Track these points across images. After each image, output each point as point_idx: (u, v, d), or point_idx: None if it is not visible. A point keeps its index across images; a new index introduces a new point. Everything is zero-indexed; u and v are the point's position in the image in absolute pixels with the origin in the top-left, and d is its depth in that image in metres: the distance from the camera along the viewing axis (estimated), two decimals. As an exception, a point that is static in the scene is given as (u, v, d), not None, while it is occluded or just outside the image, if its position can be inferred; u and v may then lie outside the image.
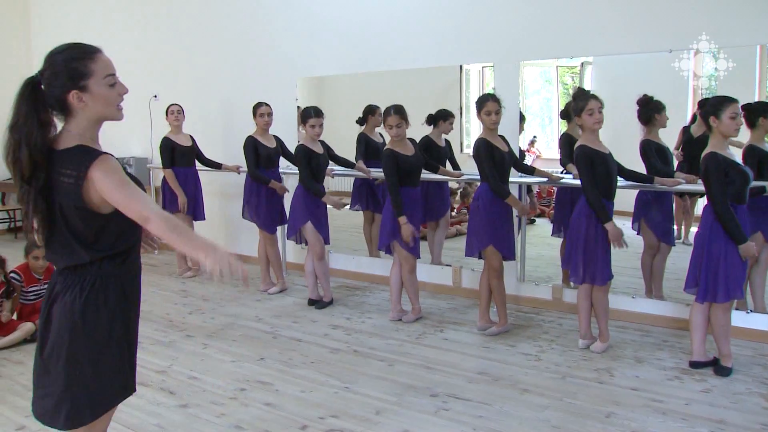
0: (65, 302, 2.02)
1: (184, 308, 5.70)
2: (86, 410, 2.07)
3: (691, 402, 3.65)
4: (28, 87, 1.95)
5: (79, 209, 1.95)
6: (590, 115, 4.24)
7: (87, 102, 1.98)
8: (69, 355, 2.02)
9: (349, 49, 6.42)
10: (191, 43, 7.79)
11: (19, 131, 1.92)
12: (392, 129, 4.88)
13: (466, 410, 3.60)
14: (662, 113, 4.88)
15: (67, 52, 1.99)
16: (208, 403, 3.75)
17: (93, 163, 1.92)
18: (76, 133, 2.00)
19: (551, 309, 5.42)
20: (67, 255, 2.03)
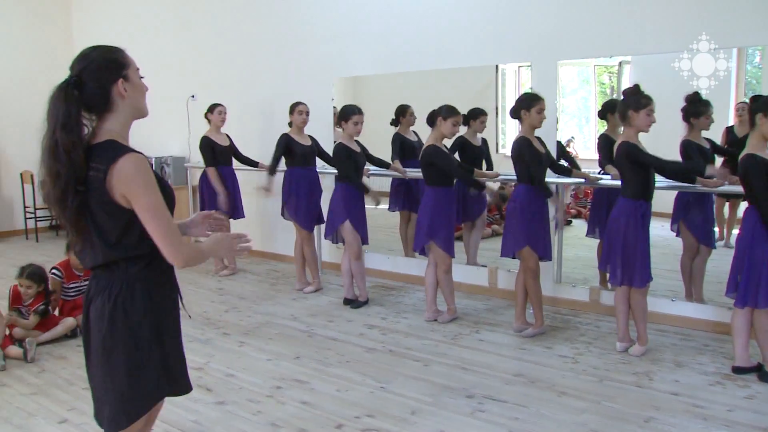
0: (97, 307, 2.05)
1: (220, 306, 5.76)
2: (122, 415, 2.10)
3: (734, 408, 3.58)
4: (69, 89, 1.96)
5: (104, 203, 1.96)
6: (648, 115, 4.18)
7: (128, 92, 2.03)
8: (103, 360, 2.06)
9: (384, 49, 6.42)
10: (228, 45, 7.87)
11: (72, 132, 1.93)
12: (455, 127, 4.95)
13: (502, 412, 3.57)
14: (708, 114, 4.76)
15: (100, 49, 2.03)
16: (245, 400, 3.78)
17: (122, 156, 1.94)
18: (110, 129, 2.02)
19: (588, 311, 5.36)
20: (92, 255, 2.05)
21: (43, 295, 4.87)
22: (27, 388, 4.03)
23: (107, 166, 1.92)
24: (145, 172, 1.95)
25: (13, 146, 9.44)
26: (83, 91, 1.97)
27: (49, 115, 1.96)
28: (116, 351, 2.04)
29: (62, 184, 1.93)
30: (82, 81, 1.97)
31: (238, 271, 7.05)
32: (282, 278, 6.77)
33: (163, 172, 8.32)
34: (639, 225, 4.20)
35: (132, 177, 1.92)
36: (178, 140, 8.22)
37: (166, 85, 8.61)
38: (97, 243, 2.01)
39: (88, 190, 1.95)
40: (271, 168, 6.05)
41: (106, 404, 2.10)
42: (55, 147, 1.92)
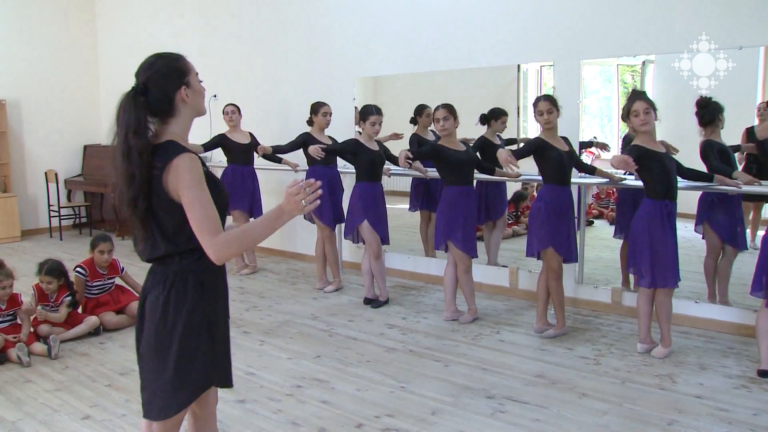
0: (152, 299, 2.15)
1: (241, 305, 5.78)
2: (171, 403, 2.16)
3: (759, 412, 3.52)
4: (137, 96, 2.09)
5: (162, 200, 2.07)
6: (635, 116, 4.19)
7: (190, 97, 2.17)
8: (156, 350, 2.14)
9: (405, 49, 6.42)
10: (251, 45, 7.91)
11: (143, 135, 2.06)
12: (439, 122, 4.94)
13: (523, 413, 3.55)
14: (723, 113, 4.73)
15: (165, 58, 2.19)
16: (265, 398, 3.79)
17: (177, 156, 2.05)
18: (172, 131, 2.15)
19: (610, 312, 5.31)
20: (150, 248, 2.15)
21: (65, 287, 4.93)
22: (51, 384, 4.08)
23: (164, 165, 2.04)
24: (194, 170, 2.05)
25: (38, 146, 9.57)
26: (148, 98, 2.10)
27: (119, 121, 2.09)
28: (168, 341, 2.12)
29: (136, 185, 2.05)
30: (148, 89, 2.11)
31: (258, 270, 7.08)
32: (302, 277, 6.79)
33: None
34: (665, 225, 4.16)
35: (182, 174, 2.03)
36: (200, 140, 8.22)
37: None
38: (157, 237, 2.12)
39: (152, 188, 2.06)
40: (279, 149, 6.27)
41: (155, 393, 2.17)
42: (129, 151, 2.04)
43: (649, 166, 4.19)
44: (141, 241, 2.16)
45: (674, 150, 4.74)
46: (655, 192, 4.21)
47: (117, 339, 4.92)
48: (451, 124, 4.94)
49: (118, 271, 5.29)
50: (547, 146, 4.58)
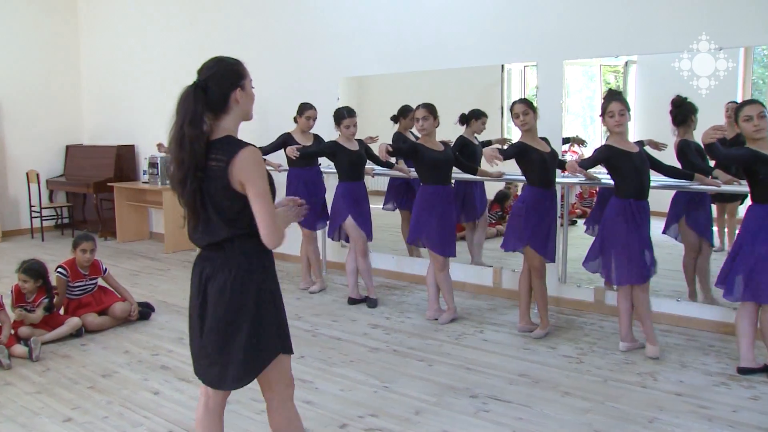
0: (218, 283, 2.33)
1: (225, 305, 5.75)
2: (249, 371, 2.37)
3: (739, 409, 3.56)
4: (196, 90, 2.30)
5: (225, 189, 2.26)
6: (611, 117, 4.25)
7: (242, 99, 2.39)
8: (227, 327, 2.33)
9: (390, 49, 6.42)
10: (234, 44, 7.87)
11: (197, 126, 2.26)
12: (419, 122, 4.96)
13: (506, 412, 3.57)
14: (696, 114, 4.82)
15: (226, 61, 2.45)
16: (249, 399, 3.76)
17: (242, 149, 2.26)
18: (226, 127, 2.36)
19: (593, 311, 5.35)
20: (209, 234, 2.34)
21: (44, 289, 4.88)
22: (31, 386, 4.04)
23: (229, 158, 2.24)
24: (260, 163, 2.28)
25: (19, 146, 9.49)
26: (207, 94, 2.31)
27: (178, 111, 2.30)
28: (239, 318, 2.31)
29: (184, 169, 2.26)
30: (208, 86, 2.33)
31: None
32: (286, 278, 6.77)
33: (168, 172, 8.31)
34: (632, 223, 4.23)
35: (249, 166, 2.24)
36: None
37: (170, 84, 8.63)
38: (218, 223, 2.30)
39: (207, 178, 2.26)
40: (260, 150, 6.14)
41: (228, 366, 2.36)
42: (182, 138, 2.25)
43: (618, 166, 4.26)
44: (195, 227, 2.36)
45: (662, 146, 4.80)
46: (623, 191, 4.27)
47: (99, 340, 4.88)
48: (431, 123, 4.96)
49: (100, 272, 5.25)
50: (529, 149, 4.61)
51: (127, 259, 7.85)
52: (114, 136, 9.55)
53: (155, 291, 6.28)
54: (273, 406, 2.54)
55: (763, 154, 3.81)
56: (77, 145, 9.97)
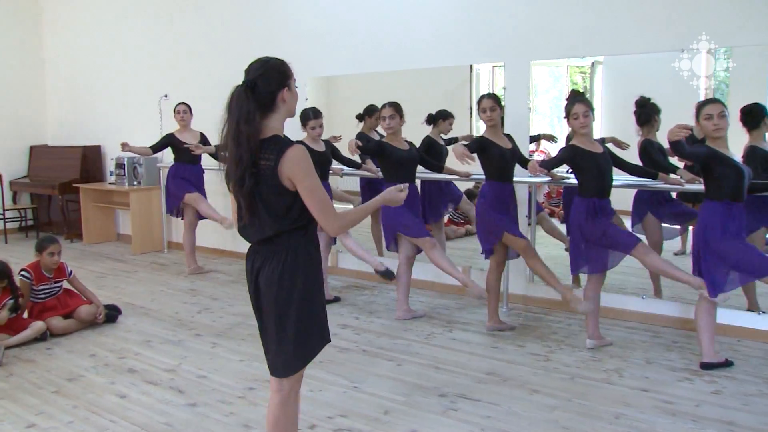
0: (267, 274, 2.45)
1: (192, 307, 5.71)
2: (298, 361, 2.50)
3: (701, 403, 3.63)
4: (248, 90, 2.40)
5: (275, 186, 2.37)
6: (575, 119, 4.31)
7: (287, 99, 2.48)
8: (277, 317, 2.46)
9: (359, 49, 6.42)
10: (201, 44, 7.82)
11: (251, 124, 2.36)
12: (385, 120, 4.98)
13: (474, 410, 3.59)
14: (660, 115, 4.91)
15: (274, 61, 2.54)
16: (217, 401, 3.76)
17: (289, 148, 2.37)
18: (272, 126, 2.45)
19: (560, 309, 5.40)
20: (260, 229, 2.44)
21: (8, 290, 4.79)
22: (-6, 392, 3.97)
23: (278, 157, 2.34)
24: (307, 160, 2.38)
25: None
26: (255, 93, 2.41)
27: (231, 111, 2.40)
28: (288, 308, 2.44)
29: (243, 166, 2.35)
30: (256, 85, 2.42)
31: (208, 271, 7.02)
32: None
33: (136, 172, 8.25)
34: (596, 221, 4.31)
35: (297, 163, 2.35)
36: (151, 140, 8.12)
37: (138, 84, 8.55)
38: (267, 219, 2.41)
39: (260, 176, 2.37)
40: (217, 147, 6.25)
41: (280, 354, 2.49)
42: (239, 136, 2.35)
43: (582, 166, 4.34)
44: (249, 224, 2.46)
45: (625, 145, 4.87)
46: (587, 190, 4.35)
47: (64, 344, 4.81)
48: (397, 122, 4.98)
49: (65, 275, 5.17)
50: (490, 144, 4.66)
51: (94, 261, 7.74)
52: (79, 136, 9.41)
53: (122, 293, 6.21)
54: (279, 397, 2.60)
55: (720, 152, 3.89)
56: (42, 146, 9.80)
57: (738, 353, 4.36)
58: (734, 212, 3.89)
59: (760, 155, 4.46)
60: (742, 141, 4.56)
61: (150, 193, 8.26)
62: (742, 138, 4.56)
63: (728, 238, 3.88)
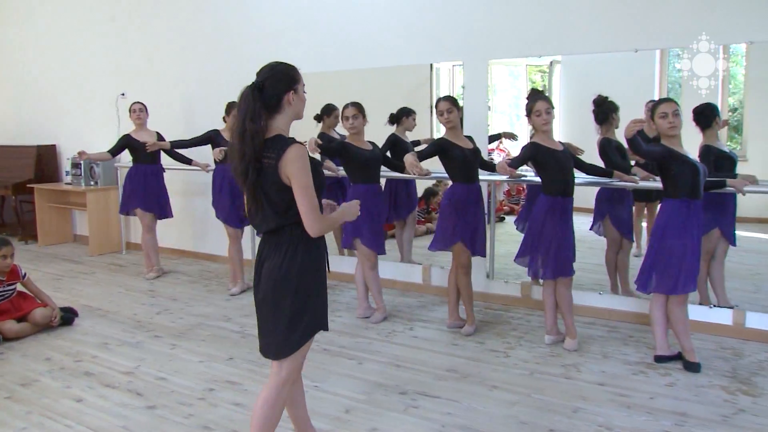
0: (270, 264, 2.61)
1: (151, 308, 5.64)
2: (288, 345, 2.64)
3: (655, 396, 3.71)
4: (254, 90, 2.54)
5: (276, 183, 2.51)
6: (538, 116, 4.34)
7: (294, 102, 2.63)
8: (274, 304, 2.61)
9: (319, 48, 6.40)
10: (158, 42, 7.72)
11: (257, 122, 2.50)
12: (348, 120, 4.95)
13: (435, 407, 3.61)
14: (618, 113, 4.98)
15: (282, 65, 2.65)
16: (176, 403, 3.72)
17: (290, 147, 2.50)
18: (277, 126, 2.60)
19: (520, 306, 5.46)
20: (265, 222, 2.61)
21: None
22: (-55, 398, 3.87)
23: (279, 155, 2.49)
24: (304, 159, 2.51)
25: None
26: (263, 94, 2.55)
27: (240, 109, 2.54)
28: (285, 298, 2.59)
29: (246, 161, 2.50)
30: (265, 86, 2.56)
31: (167, 272, 6.94)
32: (215, 279, 6.69)
33: (92, 172, 8.10)
34: (559, 219, 4.36)
35: (294, 162, 2.48)
36: (108, 139, 7.99)
37: (94, 83, 8.40)
38: (270, 213, 2.58)
39: (263, 173, 2.51)
40: (181, 143, 6.37)
41: (274, 339, 2.65)
42: (244, 133, 2.50)
43: (545, 164, 4.37)
44: (256, 216, 2.62)
45: (580, 151, 4.94)
46: (550, 189, 4.39)
47: (18, 348, 4.71)
48: (360, 122, 4.97)
49: (18, 277, 5.07)
50: (450, 145, 4.68)
51: (49, 263, 7.59)
52: (34, 135, 9.19)
53: (79, 295, 6.10)
54: (275, 381, 2.71)
55: (675, 151, 3.97)
56: (-7, 146, 9.57)
57: (691, 346, 4.47)
58: (693, 209, 3.97)
59: (714, 154, 4.57)
60: (696, 140, 4.67)
61: (107, 193, 8.12)
62: (696, 137, 4.66)
63: (685, 236, 3.96)
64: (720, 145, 4.66)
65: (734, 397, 3.68)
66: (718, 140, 4.66)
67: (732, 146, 5.34)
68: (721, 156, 4.60)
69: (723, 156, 4.61)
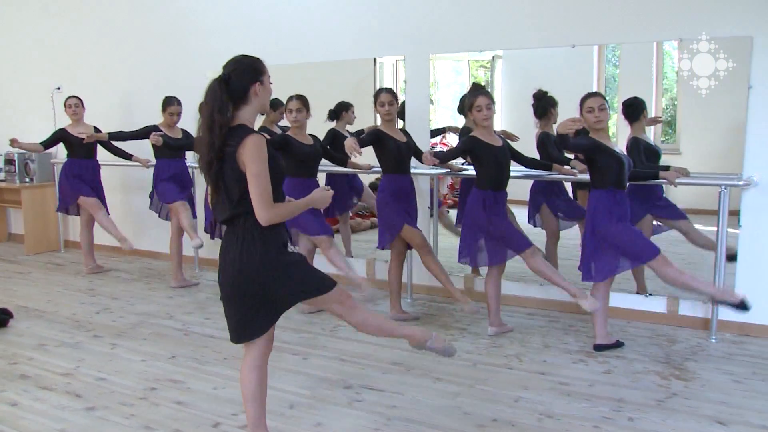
0: (230, 254, 2.68)
1: (91, 308, 5.52)
2: (248, 330, 2.78)
3: (594, 383, 3.81)
4: (221, 83, 2.60)
5: (234, 170, 2.58)
6: (478, 111, 4.38)
7: (259, 93, 2.69)
8: (234, 292, 2.71)
9: (262, 43, 6.33)
10: (95, 36, 7.54)
11: (224, 114, 2.57)
12: (292, 113, 4.93)
13: (379, 400, 3.64)
14: (556, 107, 5.09)
15: (248, 58, 2.74)
16: (117, 404, 3.65)
17: (249, 135, 2.57)
18: (242, 117, 2.67)
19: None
20: (221, 211, 2.69)
21: None
22: None
23: (238, 143, 2.55)
24: (260, 149, 2.55)
25: None
26: (229, 86, 2.61)
27: (207, 101, 2.60)
28: (244, 284, 2.67)
29: (213, 152, 2.58)
30: (231, 78, 2.62)
31: (108, 270, 6.80)
32: (157, 276, 6.58)
33: (27, 169, 7.86)
34: (492, 212, 4.44)
35: (251, 149, 2.54)
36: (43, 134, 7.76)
37: (30, 76, 8.15)
38: (225, 202, 2.65)
39: (224, 161, 2.58)
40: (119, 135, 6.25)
41: (234, 323, 2.78)
42: (213, 124, 2.56)
43: (481, 158, 4.44)
44: (216, 203, 2.70)
45: (515, 137, 5.03)
46: (484, 183, 4.46)
47: (-50, 351, 4.56)
48: (304, 116, 4.95)
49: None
50: (385, 136, 4.73)
51: (-17, 263, 7.35)
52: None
53: (14, 296, 5.92)
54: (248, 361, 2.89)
55: (602, 143, 4.08)
56: None
57: (628, 334, 4.60)
58: (619, 198, 4.09)
59: (642, 146, 4.72)
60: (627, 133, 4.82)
61: (44, 190, 7.90)
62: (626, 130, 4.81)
63: (615, 222, 4.07)
64: (647, 138, 4.82)
65: (668, 382, 3.80)
66: (644, 133, 4.82)
67: (666, 140, 5.51)
68: (648, 149, 4.76)
69: (649, 149, 4.78)
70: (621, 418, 3.37)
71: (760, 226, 4.51)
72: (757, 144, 4.45)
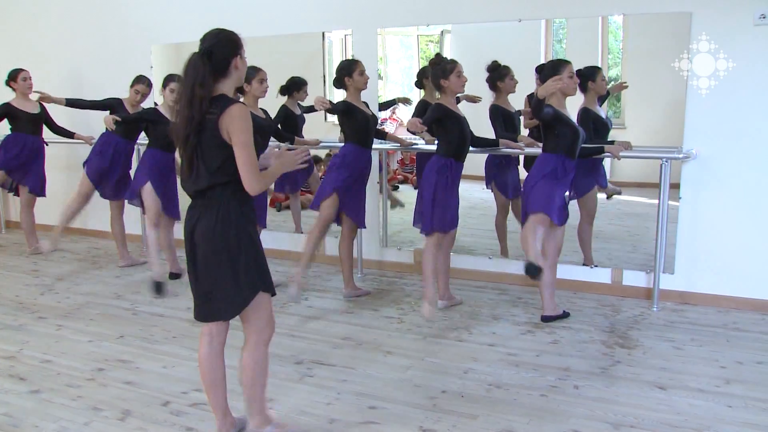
0: (203, 225, 2.63)
1: (35, 289, 5.39)
2: (229, 307, 2.70)
3: (541, 353, 3.90)
4: (203, 56, 2.58)
5: (215, 138, 2.56)
6: (458, 76, 4.35)
7: (239, 66, 2.68)
8: (213, 267, 2.65)
9: (206, 15, 6.20)
10: (36, 10, 7.27)
11: (205, 87, 2.54)
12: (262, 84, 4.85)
13: (330, 375, 3.66)
14: (509, 79, 5.08)
15: (226, 31, 2.70)
16: (63, 386, 3.59)
17: (232, 105, 2.57)
18: (222, 89, 2.64)
19: (413, 273, 5.57)
20: (196, 181, 2.63)
21: None
22: None
23: (221, 111, 2.54)
24: (246, 118, 2.56)
25: None
26: (211, 59, 2.59)
27: (187, 75, 2.56)
28: (223, 257, 2.62)
29: (192, 125, 2.55)
30: (213, 52, 2.60)
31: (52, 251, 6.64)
32: (104, 256, 6.46)
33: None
34: (449, 180, 4.41)
35: (236, 119, 2.54)
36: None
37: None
38: (203, 172, 2.60)
39: (203, 129, 2.56)
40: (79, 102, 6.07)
41: (213, 301, 2.71)
42: (193, 98, 2.53)
43: (449, 126, 4.38)
44: (188, 177, 2.64)
45: (477, 99, 5.07)
46: (446, 151, 4.41)
47: None
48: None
49: None
50: (355, 108, 4.70)
51: None
52: None
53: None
54: (247, 346, 2.87)
55: (562, 113, 4.13)
56: None
57: (574, 305, 4.71)
58: (566, 165, 4.16)
59: (592, 117, 4.77)
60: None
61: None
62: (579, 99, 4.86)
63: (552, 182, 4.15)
64: (598, 110, 4.85)
65: (612, 351, 3.92)
66: (596, 104, 4.85)
67: (612, 114, 5.60)
68: (597, 120, 4.80)
69: (599, 121, 4.82)
70: (567, 387, 3.46)
71: (698, 198, 4.63)
72: (696, 119, 4.56)
